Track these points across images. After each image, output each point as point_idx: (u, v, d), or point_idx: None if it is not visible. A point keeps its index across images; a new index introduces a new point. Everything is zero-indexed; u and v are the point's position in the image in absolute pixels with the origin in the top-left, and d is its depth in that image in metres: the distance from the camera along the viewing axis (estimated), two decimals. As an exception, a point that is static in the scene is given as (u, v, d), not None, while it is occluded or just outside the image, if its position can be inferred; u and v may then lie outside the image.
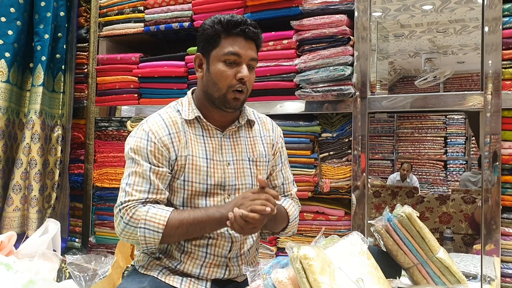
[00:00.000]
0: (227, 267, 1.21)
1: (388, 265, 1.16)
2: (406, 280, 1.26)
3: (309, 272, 0.84)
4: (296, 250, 0.86)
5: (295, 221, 1.30)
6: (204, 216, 1.11)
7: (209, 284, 1.18)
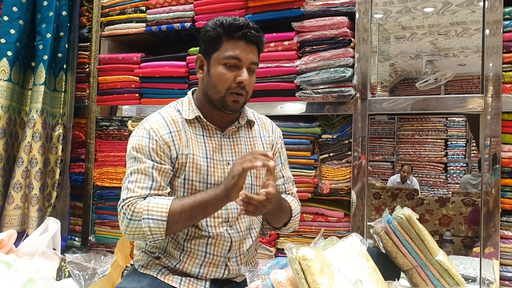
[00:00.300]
0: (226, 267, 1.21)
1: (387, 267, 1.16)
2: (405, 282, 1.25)
3: (308, 273, 0.84)
4: (295, 251, 0.86)
5: (297, 217, 1.30)
6: (205, 196, 1.11)
7: (208, 284, 1.19)
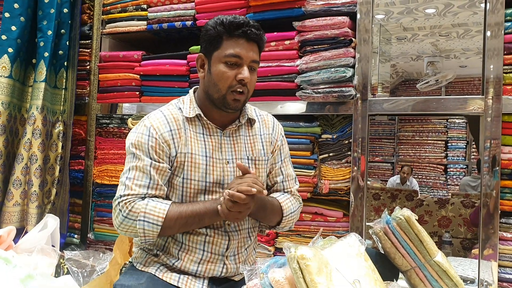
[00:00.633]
0: (224, 265, 1.21)
1: (385, 268, 1.16)
2: (404, 283, 1.25)
3: (306, 272, 0.84)
4: (294, 250, 0.86)
5: (291, 216, 1.29)
6: (202, 208, 1.13)
7: (206, 282, 1.19)
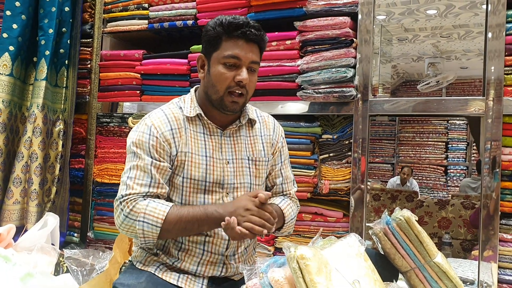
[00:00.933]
0: (224, 265, 1.21)
1: (385, 268, 1.16)
2: (403, 284, 1.25)
3: (305, 272, 0.84)
4: (293, 250, 0.86)
5: (291, 222, 1.29)
6: (203, 214, 1.12)
7: (205, 282, 1.19)
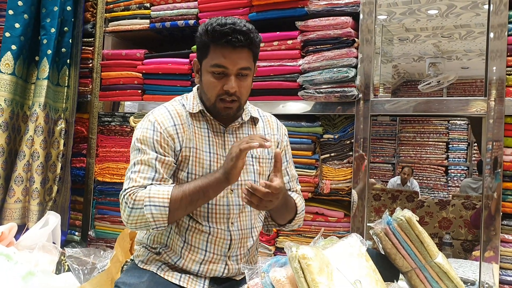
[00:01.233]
0: (226, 266, 1.21)
1: (386, 268, 1.16)
2: (404, 284, 1.25)
3: (307, 272, 0.84)
4: (295, 249, 0.86)
5: (302, 214, 1.31)
6: (204, 181, 1.11)
7: (207, 282, 1.19)
